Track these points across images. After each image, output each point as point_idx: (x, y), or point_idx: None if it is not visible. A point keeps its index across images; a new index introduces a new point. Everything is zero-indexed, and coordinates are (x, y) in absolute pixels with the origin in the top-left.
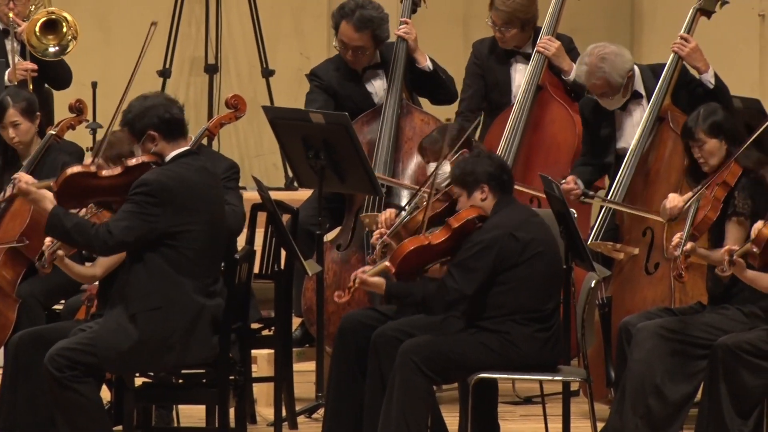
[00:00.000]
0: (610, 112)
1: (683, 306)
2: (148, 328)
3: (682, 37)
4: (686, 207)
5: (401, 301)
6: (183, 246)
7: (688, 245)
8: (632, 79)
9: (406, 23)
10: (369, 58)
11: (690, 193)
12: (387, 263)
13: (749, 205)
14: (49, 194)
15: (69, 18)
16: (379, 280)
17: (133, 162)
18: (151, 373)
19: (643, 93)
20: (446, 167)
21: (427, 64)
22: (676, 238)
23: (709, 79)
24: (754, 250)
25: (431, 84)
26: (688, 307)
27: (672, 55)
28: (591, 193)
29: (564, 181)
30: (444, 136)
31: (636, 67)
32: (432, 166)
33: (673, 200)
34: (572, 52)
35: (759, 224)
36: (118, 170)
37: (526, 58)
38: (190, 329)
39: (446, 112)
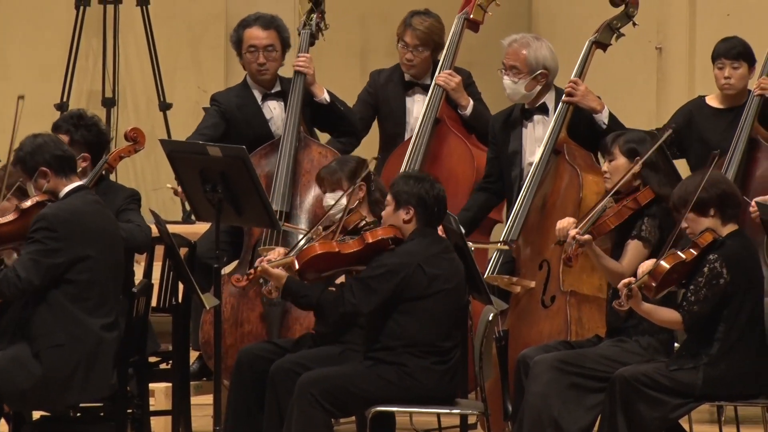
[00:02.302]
0: (517, 128)
1: (581, 339)
2: (53, 365)
3: (572, 81)
4: (594, 205)
5: (296, 298)
6: (83, 279)
7: (586, 236)
8: (543, 84)
9: (304, 57)
10: (278, 63)
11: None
12: (293, 257)
13: (656, 235)
14: None
15: None
16: (280, 272)
17: (27, 204)
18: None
19: (551, 109)
20: (342, 201)
21: (324, 97)
22: (568, 220)
23: (603, 119)
24: (653, 284)
25: (331, 117)
26: (586, 340)
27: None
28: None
29: None
30: (343, 167)
31: (555, 86)
32: (329, 196)
33: (564, 221)
34: (470, 87)
35: (649, 262)
36: (13, 216)
37: (425, 89)
38: (91, 364)
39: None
